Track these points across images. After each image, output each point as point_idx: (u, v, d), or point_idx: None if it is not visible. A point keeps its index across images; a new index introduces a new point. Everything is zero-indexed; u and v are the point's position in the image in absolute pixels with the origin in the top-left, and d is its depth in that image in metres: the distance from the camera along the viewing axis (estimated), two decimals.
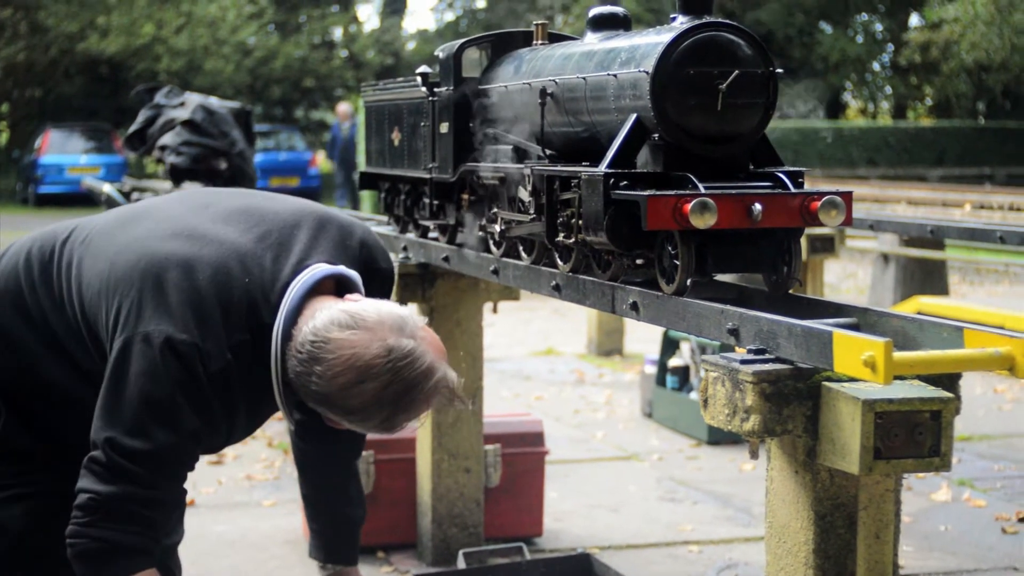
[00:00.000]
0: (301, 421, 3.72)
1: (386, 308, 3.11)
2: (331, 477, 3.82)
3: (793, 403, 3.16)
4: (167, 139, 12.63)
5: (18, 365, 3.32)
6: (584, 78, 4.12)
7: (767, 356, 3.25)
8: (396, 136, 5.58)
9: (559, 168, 4.15)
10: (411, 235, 5.68)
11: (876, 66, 44.53)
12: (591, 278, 4.10)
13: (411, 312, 3.16)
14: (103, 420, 3.09)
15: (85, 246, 3.30)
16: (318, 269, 3.20)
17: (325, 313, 3.09)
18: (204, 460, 3.95)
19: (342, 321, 3.06)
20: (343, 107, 26.33)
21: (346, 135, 25.22)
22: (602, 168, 3.76)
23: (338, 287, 3.23)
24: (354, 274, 3.27)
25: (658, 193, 3.54)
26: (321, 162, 27.52)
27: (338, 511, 3.83)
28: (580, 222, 3.91)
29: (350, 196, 24.70)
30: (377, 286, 3.41)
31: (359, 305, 3.12)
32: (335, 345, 3.03)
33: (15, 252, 3.41)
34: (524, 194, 4.38)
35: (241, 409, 3.21)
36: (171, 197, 3.49)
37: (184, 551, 3.87)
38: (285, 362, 3.12)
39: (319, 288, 3.18)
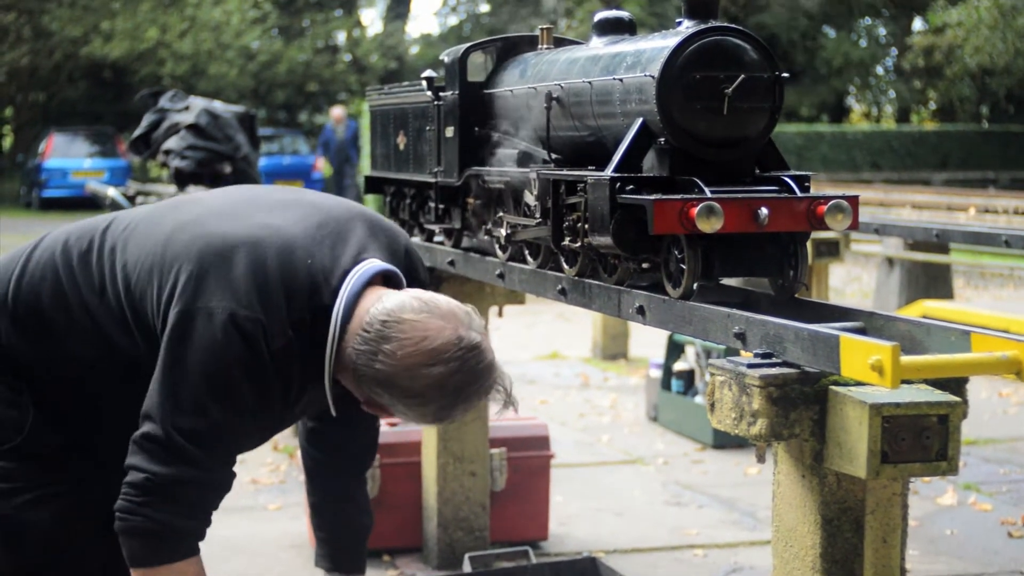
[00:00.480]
0: (314, 429, 3.72)
1: (454, 302, 3.16)
2: (340, 485, 3.81)
3: (800, 407, 3.16)
4: (171, 143, 12.64)
5: (55, 354, 3.31)
6: (590, 82, 4.12)
7: (774, 360, 3.24)
8: (401, 140, 5.59)
9: (565, 172, 4.15)
10: (416, 239, 5.68)
11: (880, 70, 44.55)
12: (597, 282, 4.10)
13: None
14: (159, 396, 3.08)
15: (129, 231, 3.31)
16: (376, 263, 3.22)
17: (395, 297, 3.12)
18: None
19: (415, 306, 3.08)
20: (337, 110, 25.54)
21: (340, 139, 24.55)
22: (608, 172, 3.77)
23: (387, 284, 3.25)
24: (402, 277, 3.30)
25: (664, 197, 3.54)
26: (324, 166, 26.79)
27: (346, 519, 3.81)
28: (586, 226, 3.91)
29: None
30: None
31: (428, 294, 3.16)
32: (409, 326, 3.05)
33: (49, 244, 3.40)
34: (530, 198, 4.38)
35: (294, 391, 3.20)
36: (215, 191, 3.50)
37: None
38: (342, 344, 3.12)
39: (373, 281, 3.20)
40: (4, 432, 3.33)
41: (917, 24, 42.44)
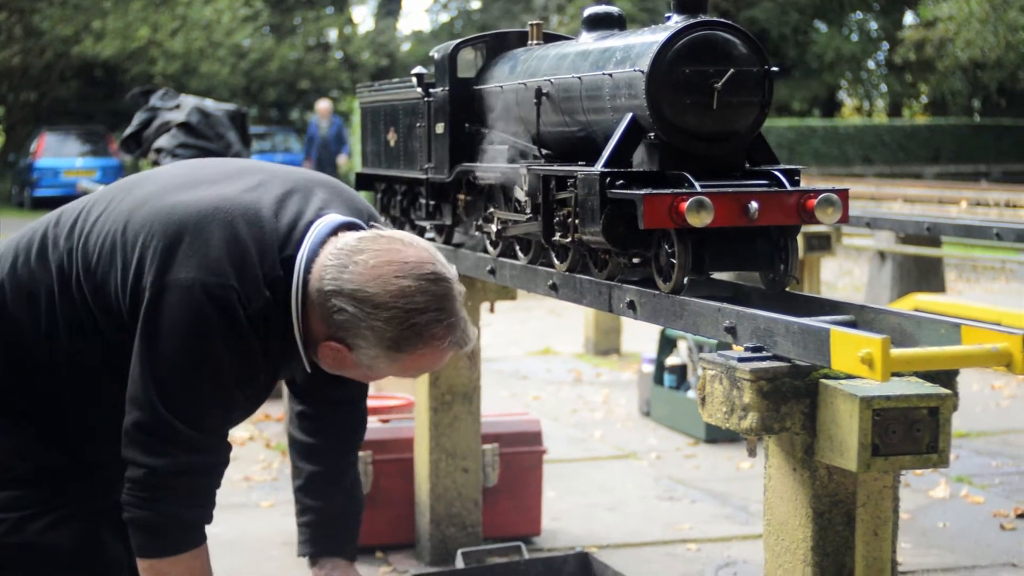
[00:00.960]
0: (302, 412, 3.65)
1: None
2: (331, 467, 3.72)
3: (791, 400, 3.16)
4: (163, 141, 12.63)
5: (36, 361, 3.24)
6: (579, 78, 4.12)
7: (764, 354, 3.24)
8: (392, 137, 5.58)
9: (555, 167, 4.15)
10: None
11: (871, 64, 44.59)
12: (588, 277, 4.10)
13: None
14: (142, 379, 3.03)
15: (84, 215, 3.23)
16: (339, 217, 3.16)
17: (368, 231, 3.10)
18: None
19: (391, 233, 3.07)
20: (323, 103, 24.36)
21: (324, 134, 23.45)
22: (598, 167, 3.76)
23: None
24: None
25: (654, 192, 3.54)
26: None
27: (337, 500, 3.70)
28: (576, 221, 3.91)
29: None
30: None
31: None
32: (385, 242, 3.02)
33: (4, 253, 3.32)
34: (520, 194, 4.38)
35: (275, 353, 3.15)
36: (167, 166, 3.41)
37: None
38: (308, 283, 3.05)
39: (338, 232, 3.14)
40: (4, 458, 3.27)
41: (908, 18, 42.45)
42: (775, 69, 3.80)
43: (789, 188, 3.68)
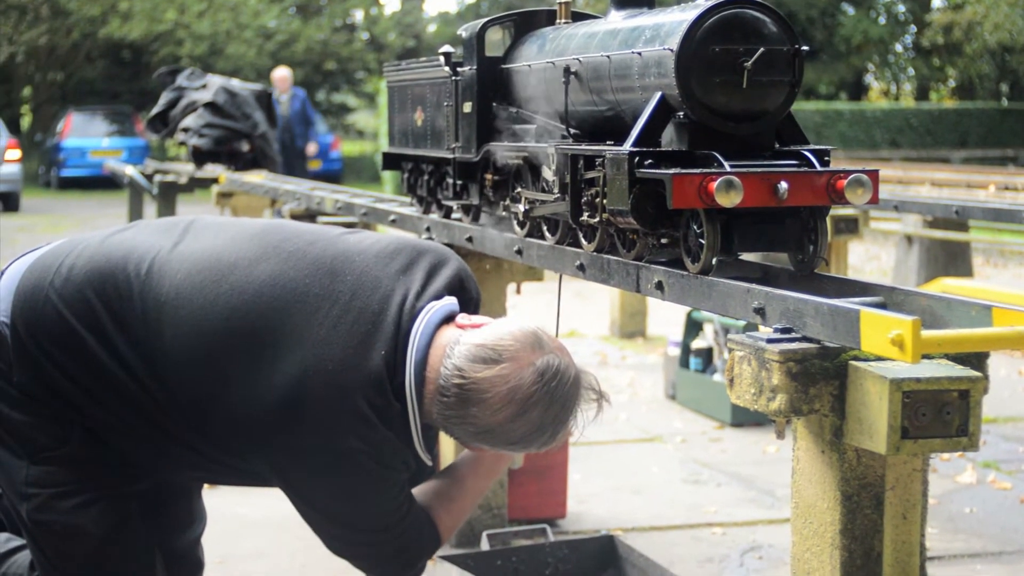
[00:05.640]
0: None
1: (516, 328, 3.09)
2: None
3: (820, 382, 3.14)
4: (189, 121, 12.66)
5: (90, 376, 3.24)
6: (608, 56, 4.10)
7: (793, 335, 3.22)
8: (419, 116, 5.57)
9: (583, 147, 4.12)
10: (434, 216, 5.66)
11: (899, 47, 44.44)
12: (616, 258, 4.08)
13: (531, 321, 3.15)
14: (331, 537, 3.34)
15: (176, 301, 3.18)
16: (431, 312, 3.14)
17: (462, 349, 3.06)
18: None
19: (486, 356, 3.03)
20: (280, 72, 18.66)
21: (285, 113, 17.95)
22: (627, 147, 3.74)
23: (445, 317, 3.18)
24: (455, 302, 3.23)
25: (683, 171, 3.51)
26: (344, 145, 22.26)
27: None
28: (604, 201, 3.88)
29: None
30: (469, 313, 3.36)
31: (491, 333, 3.08)
32: (488, 383, 3.01)
33: (81, 283, 3.24)
34: (548, 173, 4.35)
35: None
36: (244, 242, 3.28)
37: (207, 533, 3.86)
38: (422, 408, 3.10)
39: (436, 331, 3.14)
40: (46, 439, 3.28)
41: (936, 1, 42.30)
42: (805, 48, 3.77)
43: (819, 168, 3.65)
